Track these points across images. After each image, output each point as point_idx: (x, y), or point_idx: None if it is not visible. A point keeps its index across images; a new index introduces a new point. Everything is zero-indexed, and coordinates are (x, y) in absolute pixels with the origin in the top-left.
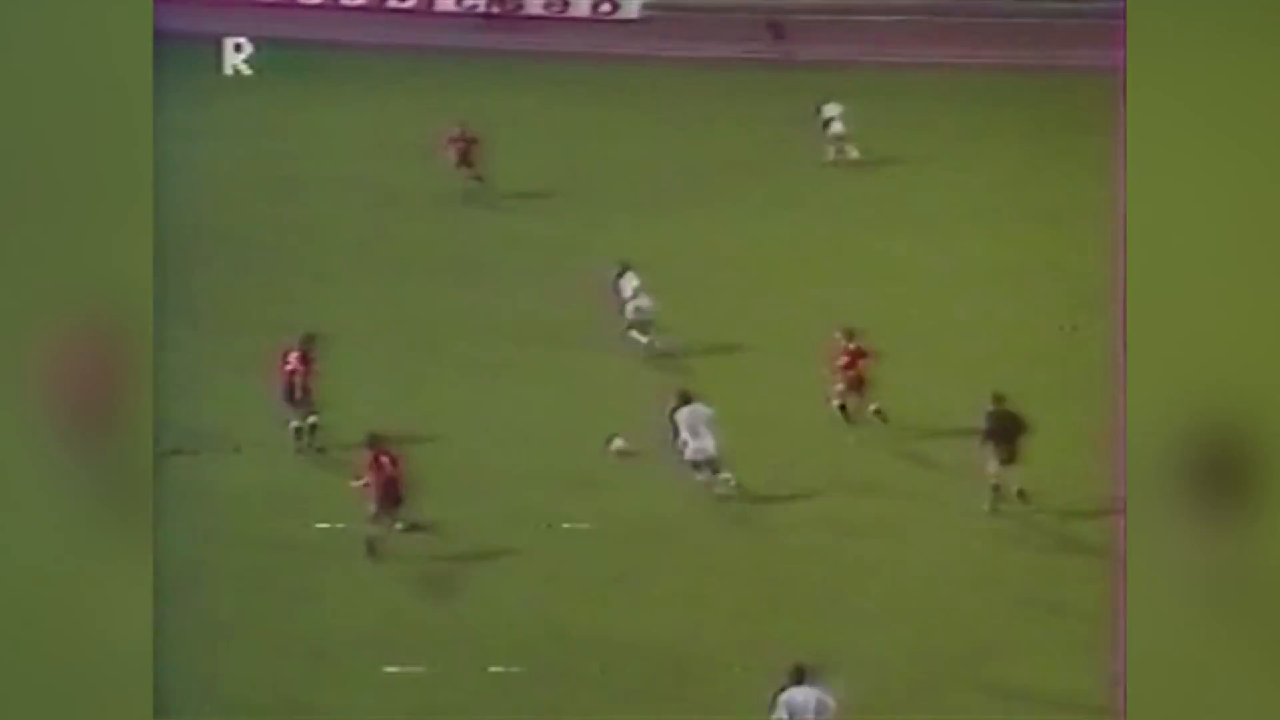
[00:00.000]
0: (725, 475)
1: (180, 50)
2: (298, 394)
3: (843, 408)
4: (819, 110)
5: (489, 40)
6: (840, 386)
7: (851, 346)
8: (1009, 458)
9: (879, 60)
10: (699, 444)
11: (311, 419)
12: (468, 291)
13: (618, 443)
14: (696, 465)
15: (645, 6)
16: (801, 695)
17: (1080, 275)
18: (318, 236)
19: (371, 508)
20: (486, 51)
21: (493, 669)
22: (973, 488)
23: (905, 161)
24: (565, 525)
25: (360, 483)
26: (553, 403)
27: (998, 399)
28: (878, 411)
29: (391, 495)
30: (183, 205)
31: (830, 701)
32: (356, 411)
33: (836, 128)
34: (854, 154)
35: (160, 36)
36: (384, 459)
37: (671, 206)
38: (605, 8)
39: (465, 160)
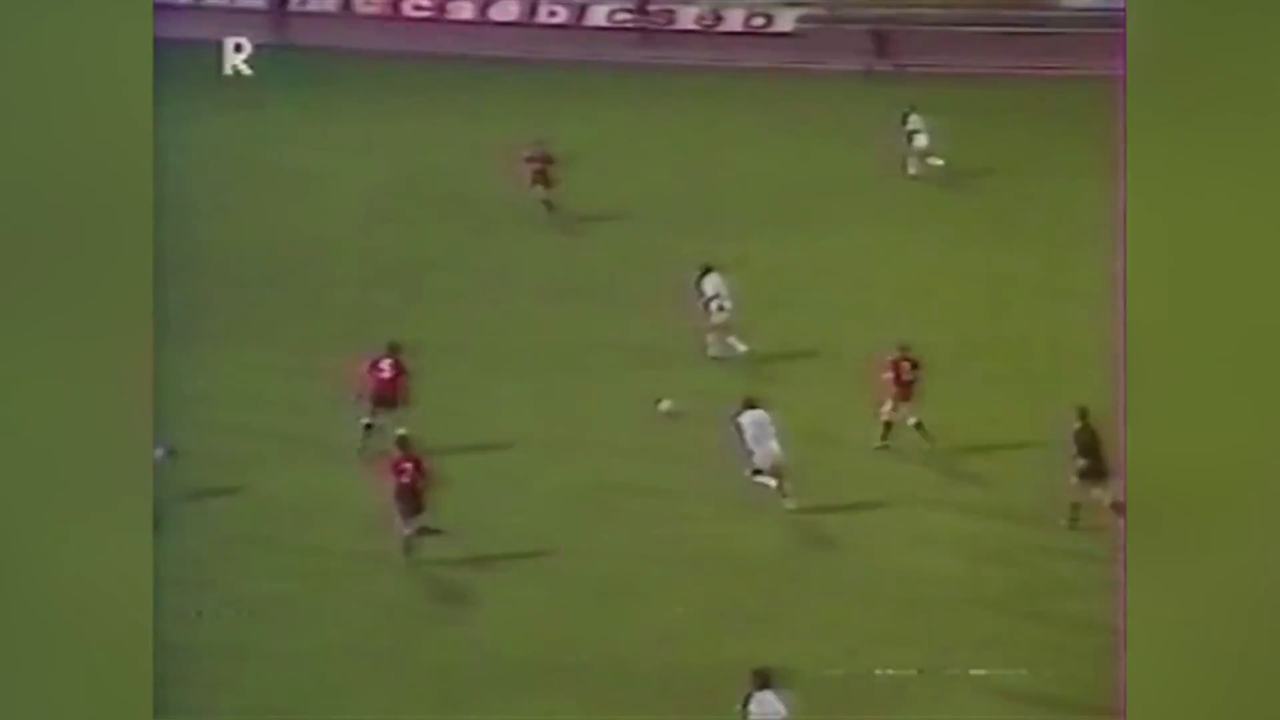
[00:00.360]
0: (787, 483)
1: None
2: (391, 399)
3: (888, 423)
4: (904, 121)
5: (565, 52)
6: (889, 402)
7: (896, 358)
8: (1094, 473)
9: (972, 72)
10: (763, 450)
11: (400, 429)
12: (546, 306)
13: (665, 404)
14: (759, 471)
15: (800, 20)
16: (768, 699)
17: None
18: (396, 249)
19: (398, 517)
20: (562, 63)
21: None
22: (1050, 502)
23: (991, 174)
24: (630, 534)
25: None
26: (623, 412)
27: (1082, 414)
28: (918, 425)
29: (412, 500)
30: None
31: (784, 708)
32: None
33: (920, 141)
34: (938, 166)
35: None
36: (407, 464)
37: (754, 219)
38: (758, 21)
39: (541, 179)
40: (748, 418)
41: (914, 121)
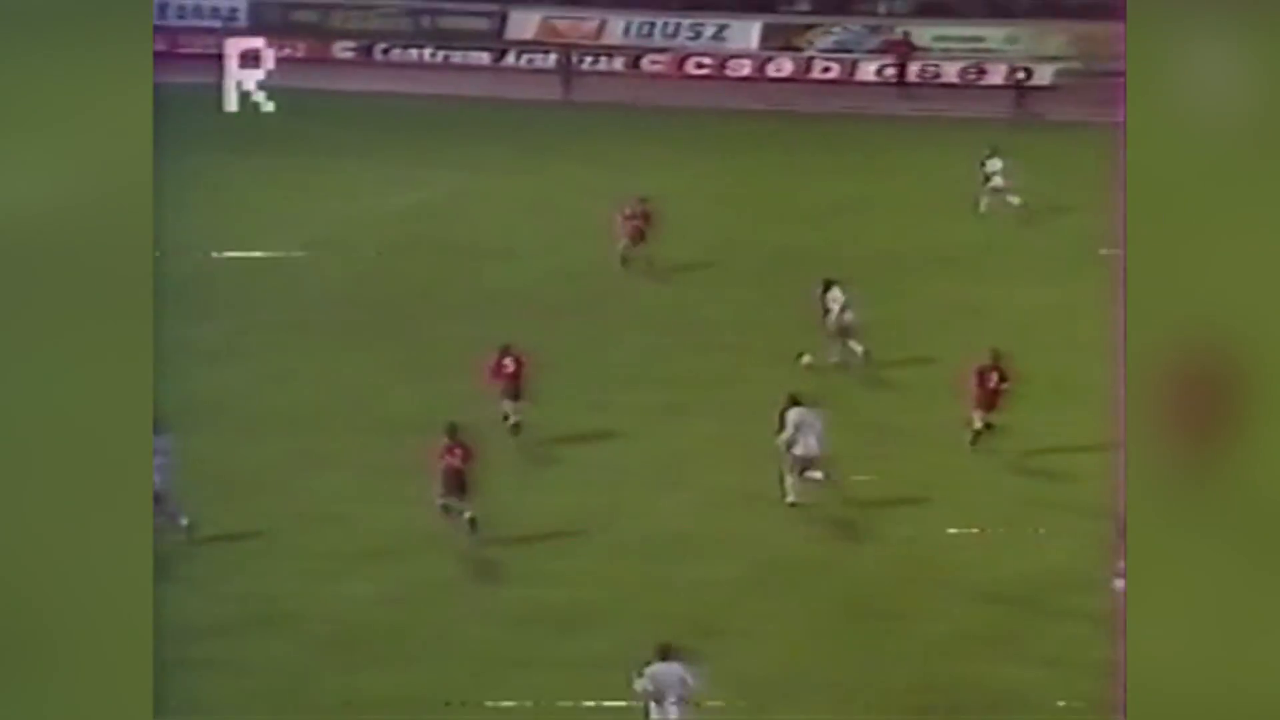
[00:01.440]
0: (819, 473)
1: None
2: (516, 390)
3: (977, 433)
4: (983, 164)
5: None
6: (978, 410)
7: (989, 365)
8: None
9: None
10: (804, 442)
11: (517, 418)
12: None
13: (806, 358)
14: (798, 461)
15: (1058, 74)
16: (665, 670)
17: None
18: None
19: (439, 491)
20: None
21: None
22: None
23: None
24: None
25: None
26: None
27: None
28: (989, 426)
29: (458, 483)
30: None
31: (690, 679)
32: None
33: (997, 181)
34: (1015, 204)
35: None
36: (456, 450)
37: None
38: (1020, 75)
39: (642, 237)
40: (794, 413)
41: (992, 164)
